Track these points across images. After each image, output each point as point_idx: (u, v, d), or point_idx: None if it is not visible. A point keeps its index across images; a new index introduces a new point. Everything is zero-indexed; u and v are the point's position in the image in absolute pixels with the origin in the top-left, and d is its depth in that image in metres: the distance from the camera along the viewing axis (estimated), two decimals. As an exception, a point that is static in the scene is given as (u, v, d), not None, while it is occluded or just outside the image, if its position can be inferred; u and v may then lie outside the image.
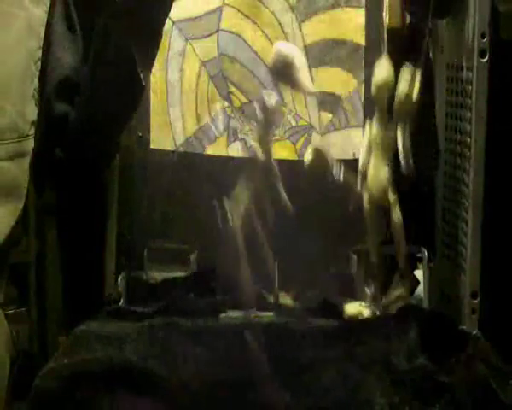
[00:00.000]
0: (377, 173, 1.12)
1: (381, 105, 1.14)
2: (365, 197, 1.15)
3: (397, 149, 1.13)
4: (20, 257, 1.31)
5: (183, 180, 1.31)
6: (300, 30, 1.28)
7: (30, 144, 1.10)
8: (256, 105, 1.13)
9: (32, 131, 1.10)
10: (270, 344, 1.10)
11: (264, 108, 1.11)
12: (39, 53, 1.11)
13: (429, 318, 1.17)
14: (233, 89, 1.29)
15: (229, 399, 1.02)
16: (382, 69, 1.13)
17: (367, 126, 1.16)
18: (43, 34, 1.11)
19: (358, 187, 1.14)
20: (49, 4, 1.12)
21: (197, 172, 1.30)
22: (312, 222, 1.27)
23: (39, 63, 1.11)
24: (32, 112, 1.10)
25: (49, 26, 1.11)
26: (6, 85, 1.08)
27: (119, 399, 1.01)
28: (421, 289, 1.29)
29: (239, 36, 1.28)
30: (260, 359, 1.08)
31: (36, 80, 1.10)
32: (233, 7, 1.28)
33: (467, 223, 1.18)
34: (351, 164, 1.22)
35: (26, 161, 1.10)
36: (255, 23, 1.28)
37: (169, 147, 1.30)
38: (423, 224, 1.32)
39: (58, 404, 1.02)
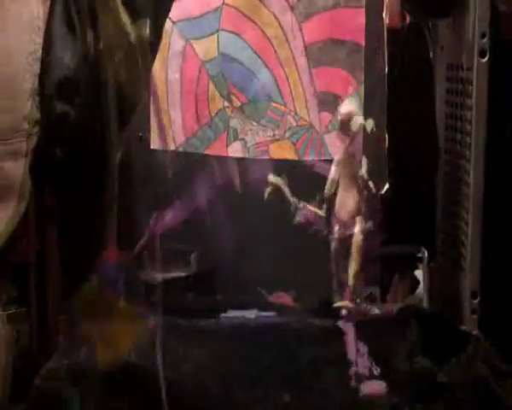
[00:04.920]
0: (345, 199, 1.15)
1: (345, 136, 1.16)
2: (333, 223, 1.17)
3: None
4: (20, 257, 1.31)
5: (183, 180, 1.31)
6: (300, 30, 1.28)
7: (30, 144, 1.10)
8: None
9: (33, 131, 1.10)
10: (271, 344, 1.10)
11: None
12: (39, 50, 1.10)
13: (429, 318, 1.17)
14: (233, 89, 1.29)
15: (229, 398, 1.02)
16: (350, 106, 1.15)
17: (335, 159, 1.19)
18: (42, 32, 1.11)
19: (324, 214, 1.17)
20: (49, 2, 1.12)
21: (197, 172, 1.30)
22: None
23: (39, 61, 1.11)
24: (32, 110, 1.10)
25: (49, 25, 1.11)
26: (6, 83, 1.07)
27: (118, 399, 1.01)
28: (421, 289, 1.29)
29: (239, 36, 1.28)
30: (260, 359, 1.08)
31: (35, 78, 1.10)
32: (233, 7, 1.28)
33: (467, 223, 1.18)
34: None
35: (27, 162, 1.10)
36: (255, 23, 1.28)
37: (169, 147, 1.30)
38: (423, 224, 1.32)
39: (58, 404, 1.02)
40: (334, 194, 1.17)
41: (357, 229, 1.15)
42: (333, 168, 1.17)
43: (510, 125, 1.29)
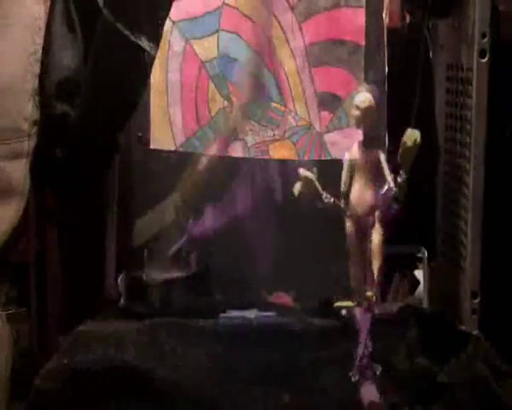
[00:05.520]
0: (361, 193, 1.13)
1: (364, 129, 1.14)
2: (348, 216, 1.15)
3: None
4: (20, 257, 1.31)
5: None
6: (300, 30, 1.28)
7: (31, 144, 1.10)
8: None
9: (33, 131, 1.10)
10: (270, 344, 1.10)
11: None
12: (40, 51, 1.11)
13: (429, 318, 1.17)
14: (233, 89, 1.29)
15: (228, 398, 1.02)
16: (365, 97, 1.14)
17: (346, 153, 1.18)
18: (43, 32, 1.11)
19: (341, 206, 1.15)
20: (49, 2, 1.12)
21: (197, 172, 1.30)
22: (313, 222, 1.27)
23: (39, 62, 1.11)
24: (33, 111, 1.10)
25: (49, 26, 1.11)
26: (7, 85, 1.07)
27: (118, 399, 1.01)
28: (421, 289, 1.29)
29: (239, 36, 1.28)
30: (260, 359, 1.08)
31: (36, 80, 1.10)
32: (233, 7, 1.28)
33: (467, 223, 1.18)
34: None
35: (27, 162, 1.10)
36: (255, 23, 1.28)
37: (169, 147, 1.30)
38: (423, 224, 1.32)
39: (58, 404, 1.02)
40: (350, 188, 1.15)
41: (377, 225, 1.13)
42: (346, 164, 1.15)
43: (510, 125, 1.30)
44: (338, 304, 1.20)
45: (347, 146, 1.26)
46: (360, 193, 1.13)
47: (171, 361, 1.07)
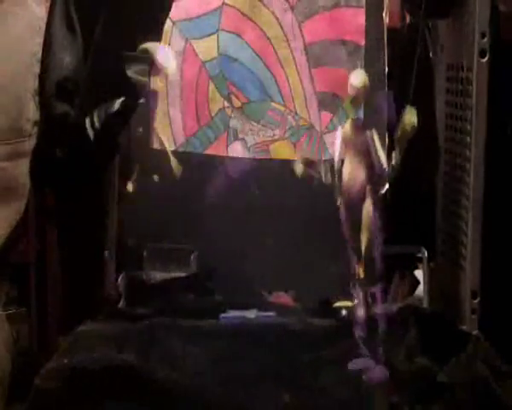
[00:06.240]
0: (353, 172, 1.13)
1: (356, 108, 1.14)
2: (340, 196, 1.14)
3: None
4: (20, 257, 1.31)
5: (183, 180, 1.31)
6: (300, 30, 1.28)
7: (32, 145, 1.10)
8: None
9: (34, 131, 1.11)
10: (270, 344, 1.10)
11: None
12: (40, 52, 1.11)
13: (429, 318, 1.17)
14: (233, 89, 1.29)
15: (228, 399, 1.02)
16: (360, 76, 1.13)
17: (340, 128, 1.17)
18: (43, 32, 1.11)
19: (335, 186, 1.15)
20: (49, 2, 1.12)
21: (197, 172, 1.30)
22: (312, 222, 1.27)
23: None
24: (33, 112, 1.10)
25: (49, 26, 1.11)
26: (8, 85, 1.08)
27: (118, 399, 1.01)
28: (421, 289, 1.29)
29: (239, 36, 1.28)
30: (260, 359, 1.08)
31: (36, 80, 1.11)
32: (233, 7, 1.28)
33: (467, 223, 1.18)
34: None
35: (28, 162, 1.10)
36: (255, 23, 1.28)
37: (169, 147, 1.30)
38: (423, 224, 1.32)
39: (58, 404, 1.02)
40: (342, 165, 1.14)
41: (367, 200, 1.12)
42: (339, 140, 1.14)
43: (510, 126, 1.29)
44: (338, 304, 1.20)
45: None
46: (352, 170, 1.12)
47: (171, 361, 1.07)
